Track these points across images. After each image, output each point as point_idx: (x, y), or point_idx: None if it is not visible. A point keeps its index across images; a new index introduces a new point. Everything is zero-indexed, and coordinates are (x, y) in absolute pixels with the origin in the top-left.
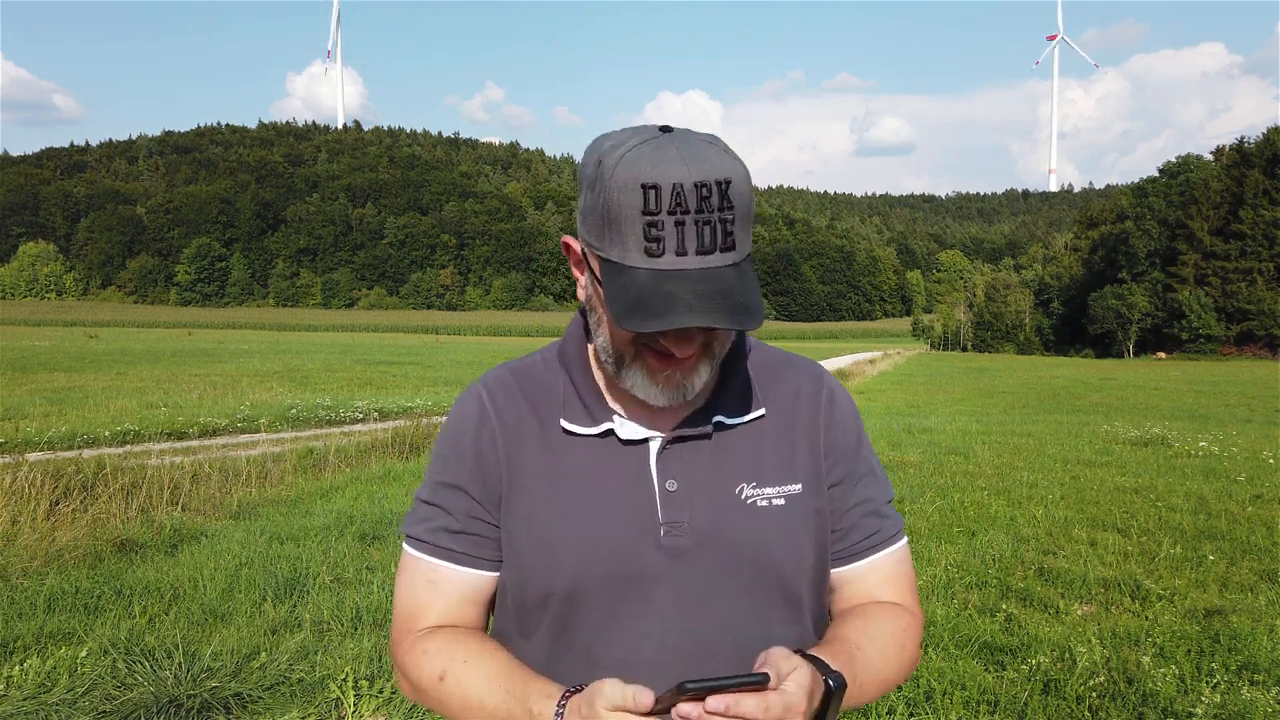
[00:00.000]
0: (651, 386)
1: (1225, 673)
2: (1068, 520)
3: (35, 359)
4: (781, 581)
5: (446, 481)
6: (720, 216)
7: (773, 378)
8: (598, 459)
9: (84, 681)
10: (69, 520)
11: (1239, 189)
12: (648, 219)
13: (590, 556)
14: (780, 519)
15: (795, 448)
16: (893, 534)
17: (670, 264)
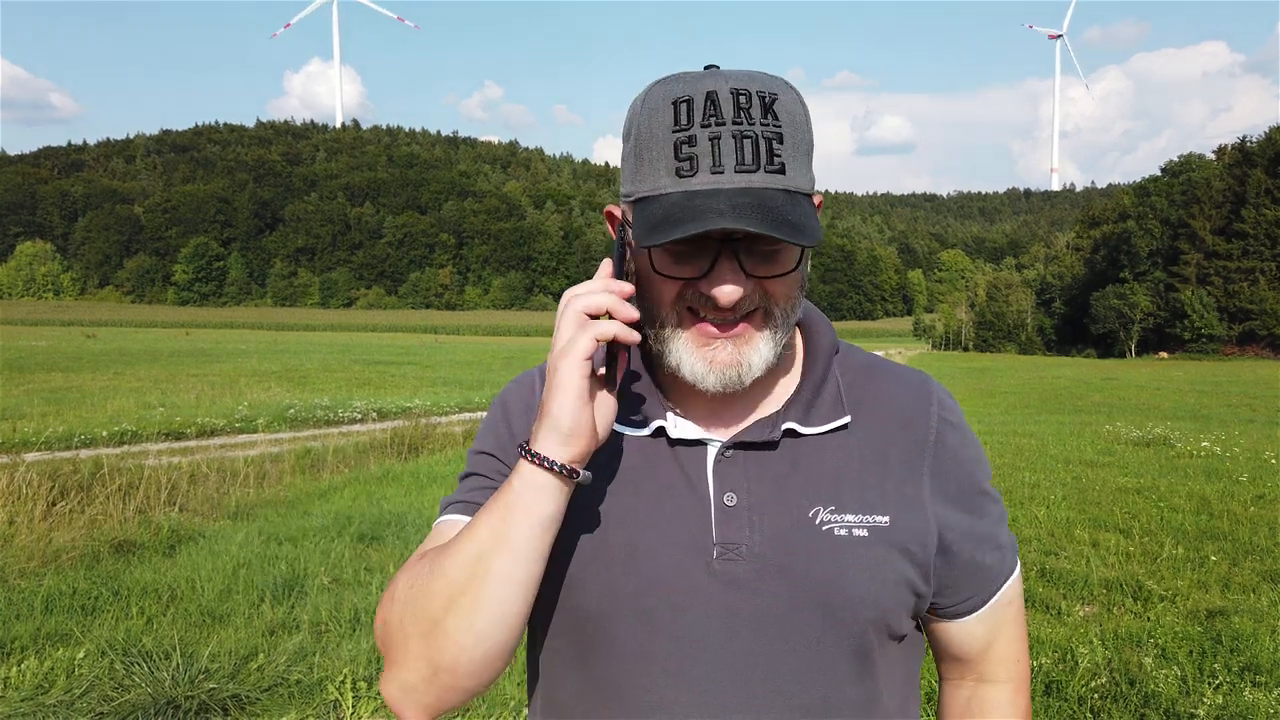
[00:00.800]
0: (699, 362)
1: (1227, 674)
2: (1070, 521)
3: (32, 359)
4: (855, 629)
5: (480, 450)
6: (764, 131)
7: (866, 385)
8: (644, 462)
9: (81, 683)
10: (66, 521)
11: (1241, 188)
12: (678, 135)
13: (625, 572)
14: (862, 553)
15: (888, 472)
16: (1010, 568)
17: (705, 183)
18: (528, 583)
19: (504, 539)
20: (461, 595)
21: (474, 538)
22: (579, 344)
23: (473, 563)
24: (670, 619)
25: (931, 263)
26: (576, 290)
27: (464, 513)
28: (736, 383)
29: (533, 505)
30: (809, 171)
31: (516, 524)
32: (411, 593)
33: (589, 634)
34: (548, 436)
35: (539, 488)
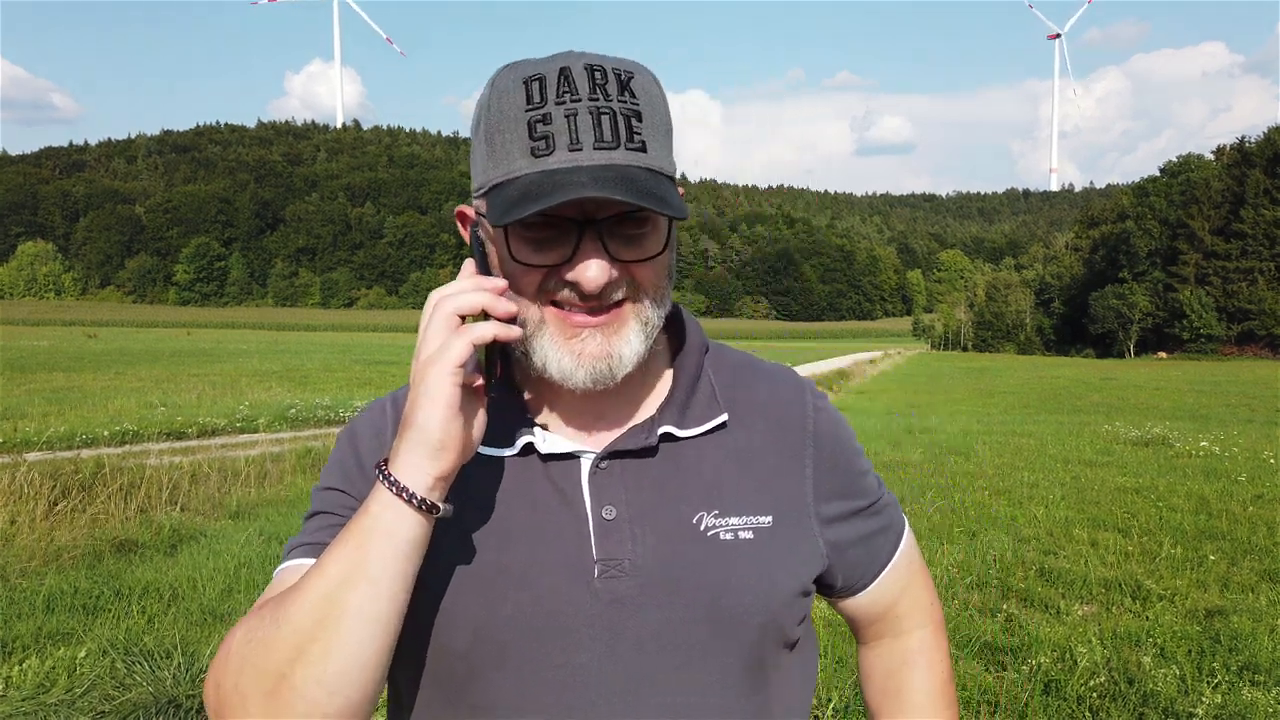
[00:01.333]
0: (566, 356)
1: (1226, 673)
2: (1069, 520)
3: (34, 359)
4: (747, 638)
5: (326, 486)
6: (621, 107)
7: (740, 383)
8: (514, 483)
9: (83, 682)
10: (68, 520)
11: (1240, 188)
12: (532, 113)
13: (497, 602)
14: (749, 557)
15: (768, 469)
16: (899, 526)
17: (563, 160)
18: (388, 620)
19: (359, 569)
20: (311, 642)
21: (323, 574)
22: (452, 349)
23: (322, 602)
24: (550, 648)
25: (931, 263)
26: (445, 290)
27: (309, 555)
28: (608, 377)
29: (393, 528)
30: (670, 155)
31: (374, 551)
32: (249, 648)
33: (459, 676)
34: (413, 451)
35: (399, 509)
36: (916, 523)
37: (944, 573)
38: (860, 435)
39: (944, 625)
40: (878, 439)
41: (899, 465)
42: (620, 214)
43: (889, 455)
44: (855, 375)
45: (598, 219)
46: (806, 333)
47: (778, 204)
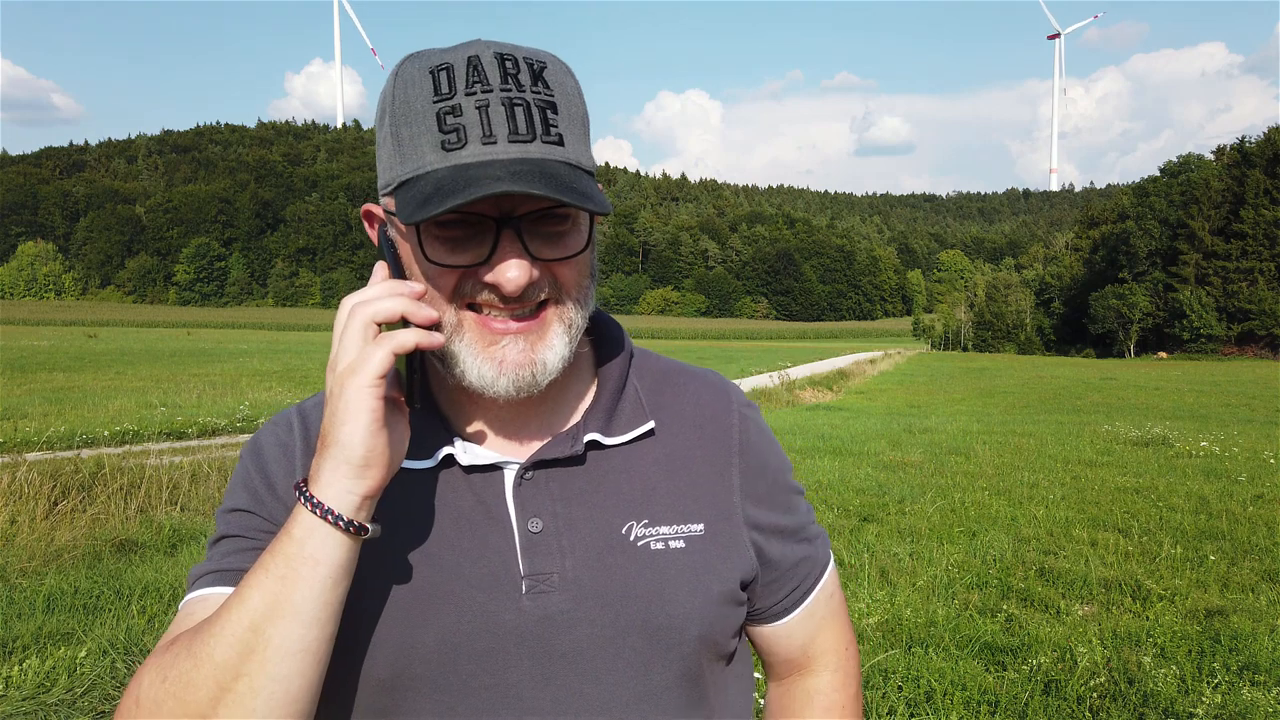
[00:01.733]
0: (487, 364)
1: (1226, 673)
2: (1069, 520)
3: (34, 359)
4: (683, 651)
5: (233, 508)
6: (535, 99)
7: (666, 389)
8: (433, 496)
9: (83, 682)
10: (68, 520)
11: (1240, 189)
12: (440, 105)
13: (420, 625)
14: (681, 566)
15: (697, 477)
16: (824, 559)
17: (476, 154)
18: (317, 651)
19: (284, 600)
20: (234, 679)
21: (244, 605)
22: (372, 361)
23: (245, 636)
24: (478, 669)
25: (931, 263)
26: (359, 296)
27: (222, 584)
28: (531, 385)
29: (319, 554)
30: (588, 148)
31: (300, 579)
32: (165, 689)
33: (384, 705)
34: (336, 470)
35: (325, 533)
36: (916, 523)
37: (943, 573)
38: (861, 435)
39: (858, 674)
40: (878, 439)
41: (899, 465)
42: (540, 211)
43: (889, 455)
44: (855, 375)
45: (516, 216)
46: (807, 333)
47: (778, 204)
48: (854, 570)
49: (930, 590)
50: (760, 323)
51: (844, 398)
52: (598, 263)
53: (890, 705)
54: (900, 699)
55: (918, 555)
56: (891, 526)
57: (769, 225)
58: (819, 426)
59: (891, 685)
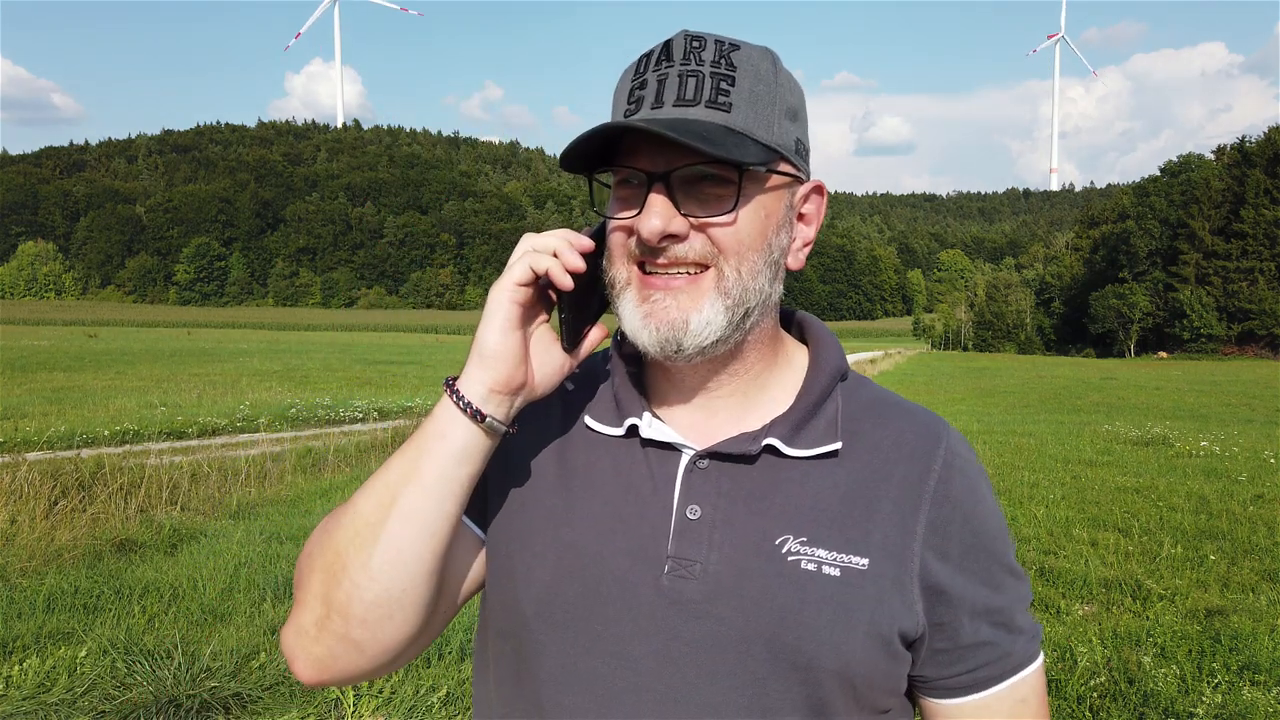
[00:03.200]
0: (637, 317)
1: (1226, 673)
2: (1069, 520)
3: (34, 358)
4: (811, 678)
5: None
6: (712, 70)
7: (869, 417)
8: (611, 461)
9: (83, 681)
10: (68, 520)
11: (1240, 188)
12: (633, 82)
13: (567, 576)
14: (830, 593)
15: (876, 511)
16: (1023, 657)
17: (642, 116)
18: (436, 525)
19: (415, 470)
20: (365, 528)
21: (386, 469)
22: (513, 271)
23: (381, 494)
24: (605, 635)
25: (931, 263)
26: (533, 234)
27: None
28: (674, 344)
29: (448, 433)
30: (778, 124)
31: (429, 454)
32: (323, 529)
33: (523, 642)
34: (471, 363)
35: (454, 416)
36: None
37: None
38: None
39: None
40: None
41: None
42: (694, 171)
43: None
44: None
45: (667, 171)
46: None
47: None
48: None
49: None
50: None
51: None
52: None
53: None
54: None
55: None
56: None
57: None
58: None
59: None
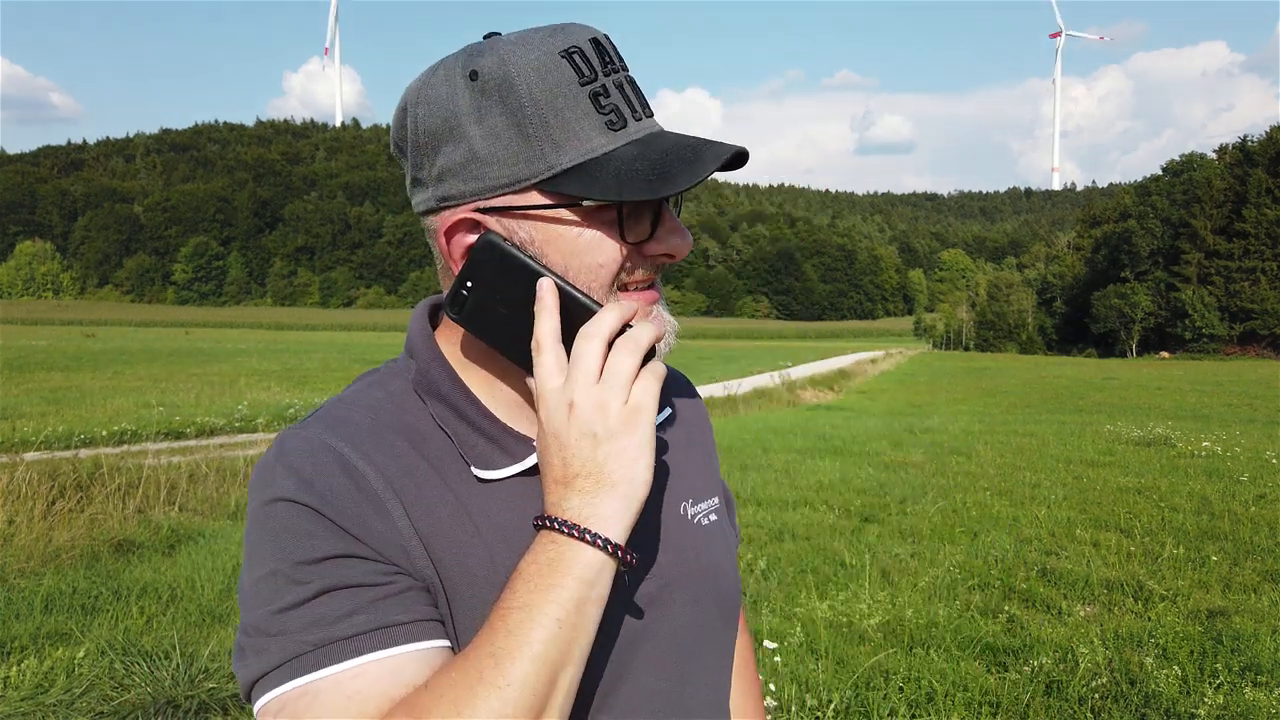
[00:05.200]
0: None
1: (1228, 674)
2: (1070, 521)
3: (32, 358)
4: (733, 617)
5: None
6: (632, 76)
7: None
8: (530, 507)
9: (81, 682)
10: (66, 520)
11: (1242, 188)
12: (589, 88)
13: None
14: (721, 537)
15: (702, 454)
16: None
17: (638, 130)
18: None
19: (574, 645)
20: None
21: (538, 657)
22: (654, 397)
23: (544, 690)
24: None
25: (932, 262)
26: (605, 329)
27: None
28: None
29: (604, 593)
30: None
31: (588, 621)
32: None
33: None
34: (628, 507)
35: (609, 572)
36: (918, 523)
37: (945, 573)
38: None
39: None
40: (879, 439)
41: (900, 465)
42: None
43: (890, 455)
44: (857, 375)
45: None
46: (808, 332)
47: (778, 203)
48: (855, 570)
49: (932, 591)
50: (761, 322)
51: (845, 397)
52: None
53: (891, 706)
54: (901, 700)
55: (919, 556)
56: (893, 527)
57: (770, 224)
58: (820, 426)
59: (893, 686)
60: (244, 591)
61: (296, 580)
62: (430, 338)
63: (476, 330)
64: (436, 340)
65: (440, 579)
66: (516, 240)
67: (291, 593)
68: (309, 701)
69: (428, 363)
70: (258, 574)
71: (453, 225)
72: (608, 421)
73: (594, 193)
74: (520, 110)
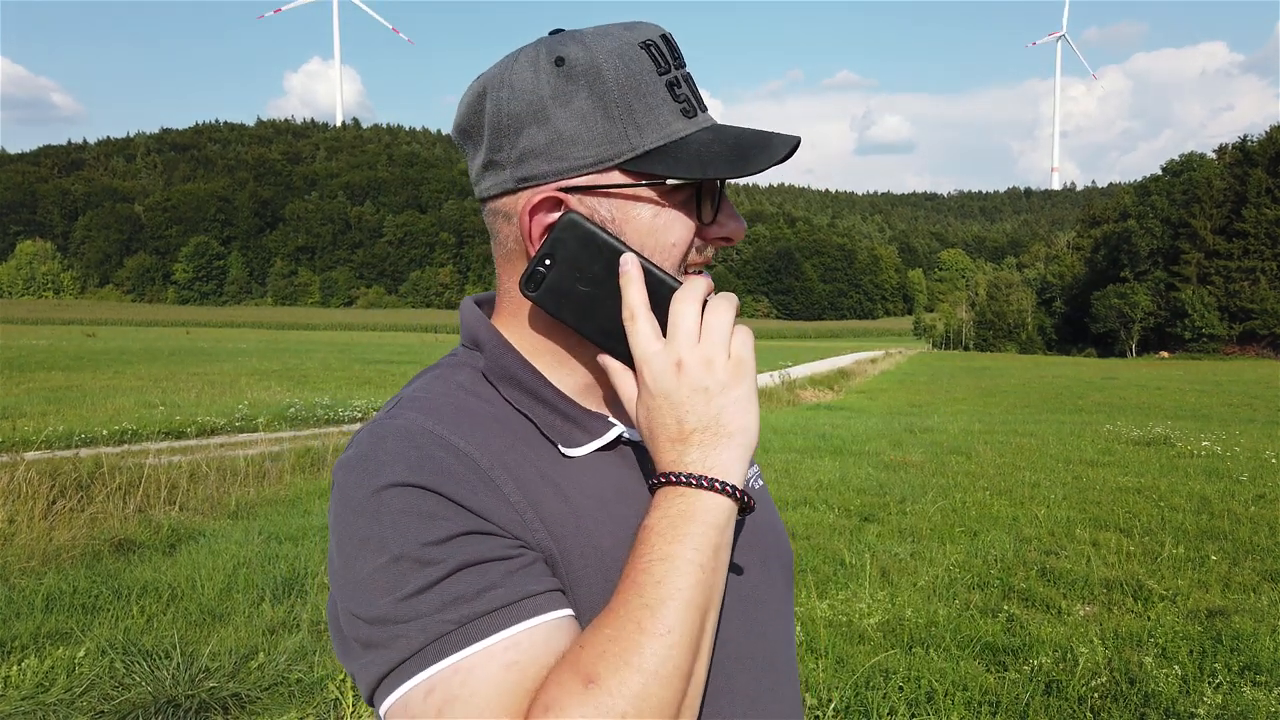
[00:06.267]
0: None
1: (1228, 673)
2: (1070, 520)
3: (32, 358)
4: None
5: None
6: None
7: None
8: (617, 477)
9: (82, 682)
10: (66, 520)
11: (1242, 187)
12: (665, 78)
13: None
14: (770, 502)
15: None
16: None
17: (704, 121)
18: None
19: (716, 589)
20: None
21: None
22: (753, 353)
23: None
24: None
25: (932, 262)
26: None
27: (563, 605)
28: None
29: (731, 537)
30: None
31: (723, 565)
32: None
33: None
34: (743, 455)
35: (732, 516)
36: (917, 523)
37: (944, 573)
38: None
39: None
40: (879, 438)
41: (900, 465)
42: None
43: (890, 455)
44: (856, 375)
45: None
46: (808, 332)
47: (778, 203)
48: (855, 570)
49: (931, 590)
50: (761, 322)
51: (845, 397)
52: None
53: (891, 705)
54: (901, 699)
55: (919, 555)
56: (893, 526)
57: (769, 224)
58: (820, 426)
59: (893, 685)
60: (356, 585)
61: (425, 562)
62: (493, 327)
63: (552, 308)
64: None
65: (557, 550)
66: (597, 219)
67: (421, 575)
68: (463, 679)
69: (498, 350)
70: (376, 563)
71: (535, 204)
72: (717, 375)
73: (677, 171)
74: (606, 94)
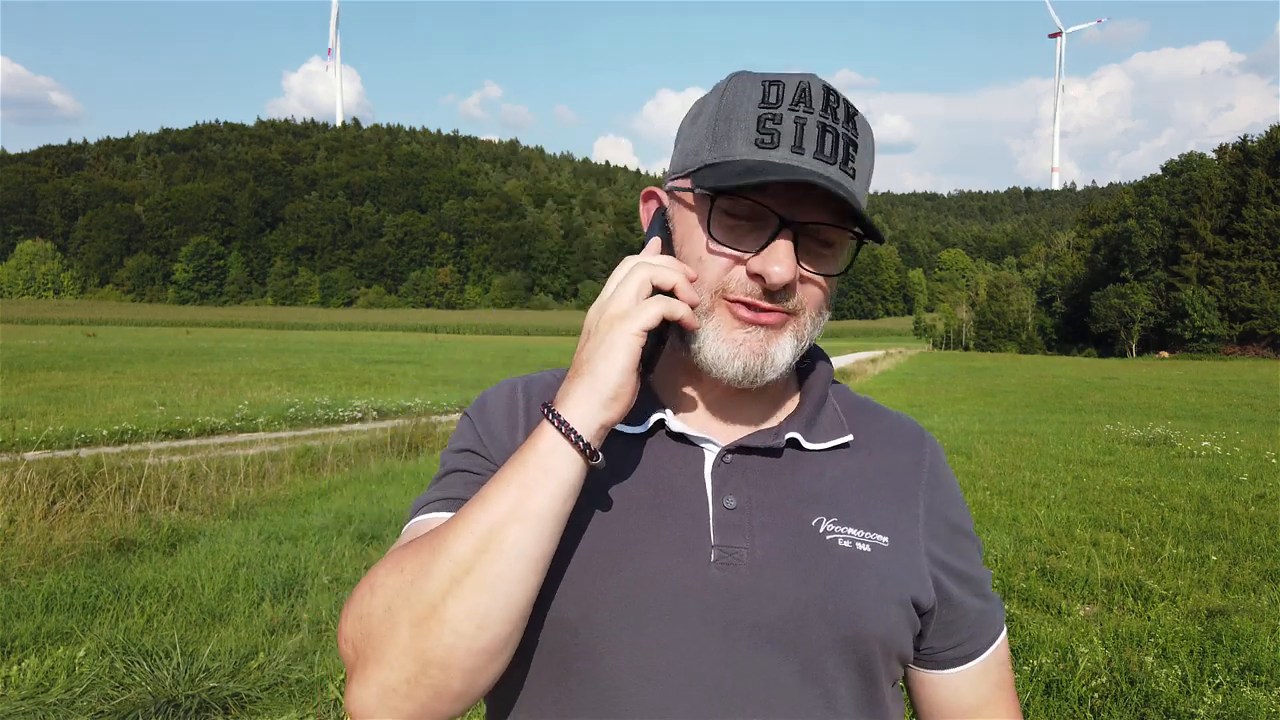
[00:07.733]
0: (725, 346)
1: (1228, 673)
2: (1070, 520)
3: (32, 357)
4: (858, 646)
5: (462, 448)
6: (846, 132)
7: (863, 414)
8: (638, 458)
9: (82, 682)
10: (66, 520)
11: (1242, 187)
12: (764, 110)
13: (612, 574)
14: (867, 566)
15: (886, 495)
16: (1000, 621)
17: (783, 157)
18: (541, 560)
19: (522, 506)
20: (466, 574)
21: (485, 509)
22: (646, 312)
23: (483, 534)
24: (659, 629)
25: (932, 262)
26: (644, 258)
27: (448, 509)
28: (757, 374)
29: (558, 469)
30: (864, 198)
31: (539, 488)
32: (401, 577)
33: (569, 646)
34: (588, 397)
35: (565, 451)
36: None
37: None
38: None
39: None
40: None
41: None
42: (819, 223)
43: None
44: (857, 374)
45: (798, 221)
46: None
47: None
48: None
49: None
50: None
51: None
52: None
53: None
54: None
55: None
56: None
57: None
58: None
59: None
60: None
61: (444, 462)
62: None
63: None
64: None
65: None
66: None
67: (441, 468)
68: (417, 528)
69: None
70: (443, 453)
71: (645, 194)
72: (597, 320)
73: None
74: (711, 115)
